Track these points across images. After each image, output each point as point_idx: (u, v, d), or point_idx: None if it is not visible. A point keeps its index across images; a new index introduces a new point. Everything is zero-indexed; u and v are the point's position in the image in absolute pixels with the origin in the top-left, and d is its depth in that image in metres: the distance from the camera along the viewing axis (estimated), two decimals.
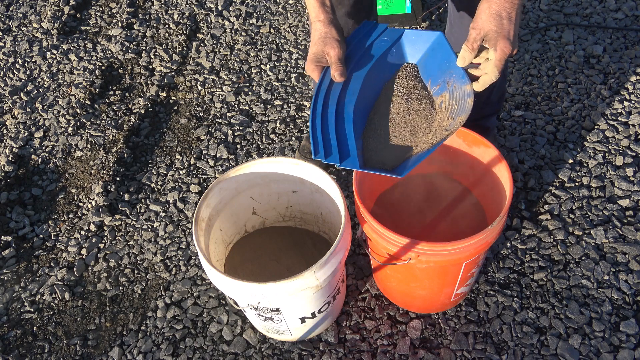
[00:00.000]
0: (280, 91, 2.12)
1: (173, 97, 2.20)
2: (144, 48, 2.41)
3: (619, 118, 1.82)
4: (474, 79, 1.10)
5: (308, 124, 2.02)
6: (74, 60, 2.39)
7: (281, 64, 2.23)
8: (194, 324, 1.53)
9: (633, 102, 1.86)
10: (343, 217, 1.20)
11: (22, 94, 2.28)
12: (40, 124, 2.16)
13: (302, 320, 1.32)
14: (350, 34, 1.23)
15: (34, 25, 2.58)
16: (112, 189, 1.87)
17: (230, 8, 2.51)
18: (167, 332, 1.52)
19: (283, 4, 2.49)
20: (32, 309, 1.62)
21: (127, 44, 2.42)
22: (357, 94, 1.14)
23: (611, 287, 1.46)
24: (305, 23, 2.37)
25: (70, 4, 2.63)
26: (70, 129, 2.11)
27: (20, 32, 2.57)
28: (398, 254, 1.18)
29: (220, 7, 2.52)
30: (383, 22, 1.46)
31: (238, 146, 1.97)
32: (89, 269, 1.70)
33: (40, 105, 2.22)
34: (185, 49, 2.37)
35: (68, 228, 1.82)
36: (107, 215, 1.81)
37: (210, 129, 2.04)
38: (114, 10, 2.61)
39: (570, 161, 1.74)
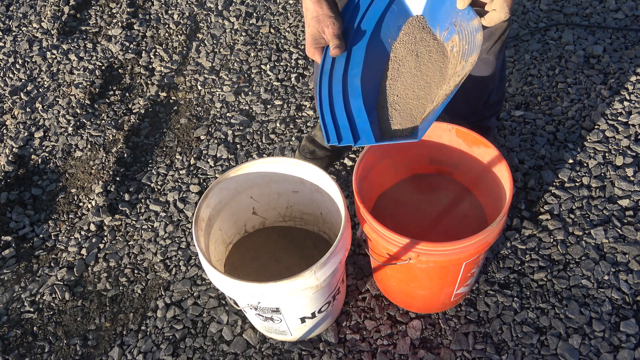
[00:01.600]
0: (280, 91, 2.12)
1: (173, 97, 2.20)
2: (144, 48, 2.41)
3: (619, 118, 1.82)
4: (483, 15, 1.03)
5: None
6: (74, 60, 2.39)
7: (281, 64, 2.23)
8: (194, 324, 1.53)
9: (633, 102, 1.86)
10: (343, 217, 1.20)
11: (22, 94, 2.28)
12: (40, 124, 2.16)
13: (302, 320, 1.32)
14: (345, 4, 1.16)
15: (34, 25, 2.58)
16: (112, 189, 1.87)
17: (230, 8, 2.51)
18: (167, 332, 1.52)
19: (283, 4, 2.49)
20: (32, 309, 1.62)
21: (127, 44, 2.42)
22: (362, 65, 1.07)
23: (611, 287, 1.46)
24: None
25: (70, 4, 2.63)
26: (70, 129, 2.11)
27: (20, 32, 2.57)
28: (398, 254, 1.18)
29: (220, 7, 2.52)
30: None
31: (238, 146, 1.97)
32: (89, 269, 1.70)
33: (40, 105, 2.22)
34: (185, 49, 2.37)
35: (68, 228, 1.82)
36: (107, 215, 1.81)
37: (210, 129, 2.04)
38: (114, 10, 2.61)
39: (570, 161, 1.74)
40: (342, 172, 1.83)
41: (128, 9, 2.58)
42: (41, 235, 1.80)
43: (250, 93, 2.14)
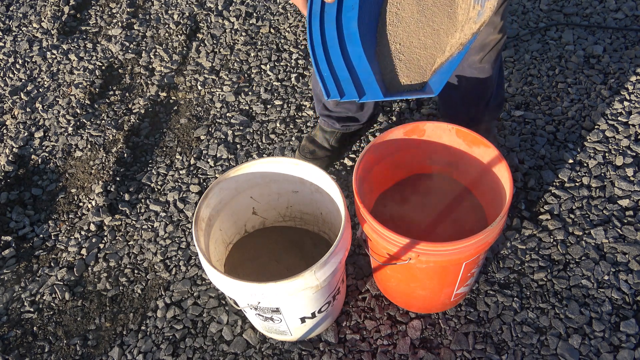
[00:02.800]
0: (280, 91, 2.12)
1: (173, 97, 2.20)
2: (144, 48, 2.41)
3: (619, 118, 1.82)
4: None
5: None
6: (74, 60, 2.39)
7: (281, 64, 2.23)
8: (194, 324, 1.53)
9: (633, 102, 1.86)
10: (343, 217, 1.20)
11: (22, 94, 2.28)
12: (40, 124, 2.16)
13: (302, 320, 1.32)
14: None
15: (34, 25, 2.58)
16: (112, 189, 1.87)
17: (230, 8, 2.51)
18: (167, 332, 1.52)
19: (283, 4, 2.48)
20: (32, 309, 1.62)
21: (127, 44, 2.42)
22: (357, 7, 0.93)
23: (611, 287, 1.46)
24: (306, 23, 2.37)
25: (70, 4, 2.63)
26: (70, 129, 2.11)
27: (20, 32, 2.57)
28: (398, 254, 1.18)
29: (220, 7, 2.52)
30: None
31: (238, 146, 1.97)
32: (89, 269, 1.70)
33: (40, 105, 2.22)
34: (185, 49, 2.37)
35: (68, 228, 1.82)
36: (107, 215, 1.81)
37: (210, 129, 2.04)
38: (114, 10, 2.61)
39: (570, 161, 1.74)
40: (342, 172, 1.83)
41: (128, 9, 2.58)
42: (41, 235, 1.80)
43: (250, 93, 2.14)
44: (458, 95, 1.58)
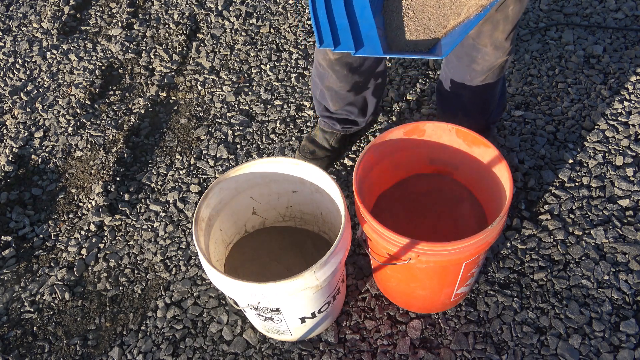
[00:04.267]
0: (280, 91, 2.12)
1: (173, 97, 2.20)
2: (144, 48, 2.41)
3: (619, 118, 1.82)
4: None
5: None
6: (74, 60, 2.39)
7: (281, 64, 2.23)
8: (194, 324, 1.53)
9: (633, 102, 1.86)
10: (343, 217, 1.20)
11: (22, 94, 2.28)
12: (40, 124, 2.16)
13: (302, 320, 1.32)
14: None
15: (34, 25, 2.58)
16: (112, 189, 1.87)
17: (230, 8, 2.51)
18: (167, 332, 1.52)
19: (283, 4, 2.48)
20: (32, 309, 1.62)
21: (127, 44, 2.42)
22: None
23: (611, 287, 1.46)
24: (306, 23, 2.37)
25: (70, 4, 2.63)
26: (70, 129, 2.11)
27: (20, 32, 2.57)
28: (398, 254, 1.18)
29: (220, 7, 2.52)
30: None
31: (238, 146, 1.97)
32: (89, 269, 1.70)
33: (40, 105, 2.22)
34: (185, 49, 2.37)
35: (68, 228, 1.82)
36: (107, 215, 1.81)
37: (210, 129, 2.04)
38: (114, 10, 2.61)
39: (570, 161, 1.74)
40: (342, 172, 1.83)
41: (128, 9, 2.58)
42: (41, 235, 1.80)
43: (250, 93, 2.14)
44: (459, 106, 1.59)
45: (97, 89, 2.24)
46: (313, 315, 1.32)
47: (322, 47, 0.81)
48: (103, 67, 2.33)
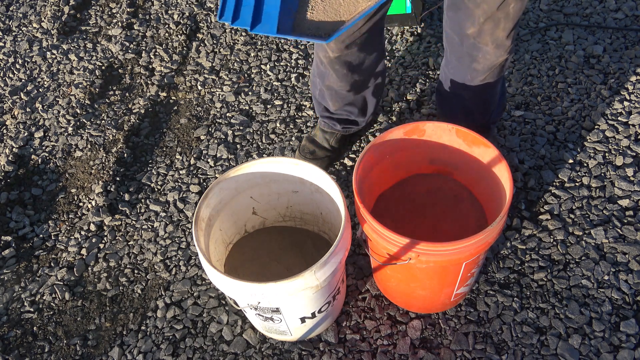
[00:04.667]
0: (280, 91, 2.12)
1: (173, 97, 2.20)
2: (144, 48, 2.41)
3: (619, 118, 1.82)
4: None
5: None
6: (74, 60, 2.39)
7: (281, 64, 2.23)
8: (194, 324, 1.53)
9: (633, 102, 1.86)
10: (343, 217, 1.20)
11: (22, 94, 2.28)
12: (40, 124, 2.16)
13: (302, 320, 1.32)
14: None
15: (34, 25, 2.58)
16: (112, 189, 1.87)
17: None
18: (167, 332, 1.52)
19: None
20: (32, 309, 1.62)
21: (127, 44, 2.42)
22: None
23: (611, 287, 1.46)
24: None
25: (70, 4, 2.63)
26: (70, 129, 2.11)
27: (20, 32, 2.57)
28: (398, 254, 1.18)
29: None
30: (384, 22, 1.44)
31: (238, 146, 1.97)
32: (89, 269, 1.70)
33: (40, 105, 2.22)
34: (185, 49, 2.37)
35: (68, 228, 1.82)
36: (107, 215, 1.81)
37: (210, 129, 2.04)
38: (114, 10, 2.61)
39: (570, 161, 1.74)
40: (342, 172, 1.83)
41: (128, 9, 2.58)
42: (41, 235, 1.80)
43: (250, 93, 2.14)
44: (459, 107, 1.59)
45: (97, 89, 2.24)
46: (313, 315, 1.32)
47: (221, 21, 0.84)
48: (103, 67, 2.33)
